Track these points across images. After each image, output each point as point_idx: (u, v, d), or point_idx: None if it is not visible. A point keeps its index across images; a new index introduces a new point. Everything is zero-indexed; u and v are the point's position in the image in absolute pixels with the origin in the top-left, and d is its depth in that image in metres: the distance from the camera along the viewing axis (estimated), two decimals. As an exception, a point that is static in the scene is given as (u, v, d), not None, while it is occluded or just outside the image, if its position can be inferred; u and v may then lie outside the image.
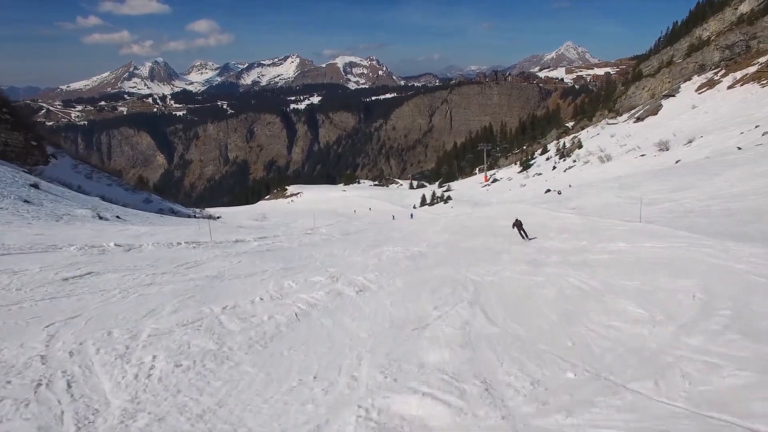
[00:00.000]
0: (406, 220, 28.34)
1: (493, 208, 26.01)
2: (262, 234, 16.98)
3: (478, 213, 24.75)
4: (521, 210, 19.93)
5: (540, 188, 39.19)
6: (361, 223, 26.90)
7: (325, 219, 31.73)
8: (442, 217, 27.61)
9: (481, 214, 23.54)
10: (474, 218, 21.57)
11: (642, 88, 62.18)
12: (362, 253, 12.49)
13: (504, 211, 22.25)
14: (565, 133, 66.99)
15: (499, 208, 24.62)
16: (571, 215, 15.96)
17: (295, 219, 33.70)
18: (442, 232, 17.46)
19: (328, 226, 22.75)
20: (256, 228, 22.38)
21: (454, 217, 25.60)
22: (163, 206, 40.89)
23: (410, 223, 23.89)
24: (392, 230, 19.64)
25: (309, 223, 26.49)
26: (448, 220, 22.93)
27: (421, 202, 55.61)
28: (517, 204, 23.84)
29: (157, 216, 26.12)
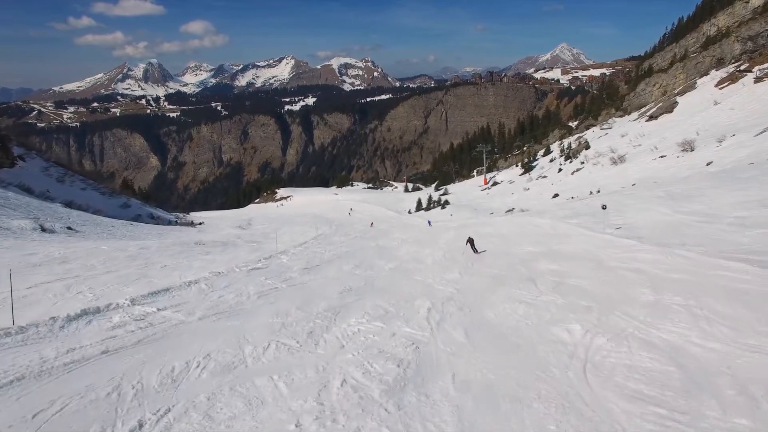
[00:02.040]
0: (396, 234, 22.79)
1: (505, 221, 20.99)
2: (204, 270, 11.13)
3: (487, 227, 20.03)
4: (546, 228, 15.77)
5: (546, 192, 36.24)
6: (345, 236, 22.53)
7: (309, 227, 28.42)
8: (442, 229, 23.55)
9: (491, 229, 18.91)
10: (484, 236, 16.82)
11: (653, 85, 58.76)
12: (295, 352, 6.33)
13: (520, 227, 17.70)
14: (569, 134, 64.38)
15: (514, 223, 19.62)
16: (640, 245, 10.68)
17: (280, 226, 30.58)
18: (448, 264, 12.41)
19: (299, 247, 17.20)
20: (218, 245, 18.13)
21: (457, 230, 21.27)
22: (142, 211, 38.40)
23: (402, 241, 18.59)
24: (379, 256, 14.43)
25: (290, 233, 23.18)
26: (451, 237, 18.57)
27: (416, 207, 52.60)
28: (535, 217, 18.96)
29: (127, 225, 23.09)
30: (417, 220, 39.59)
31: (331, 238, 21.53)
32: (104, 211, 30.31)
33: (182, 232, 23.95)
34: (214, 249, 15.51)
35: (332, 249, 16.50)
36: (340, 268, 11.98)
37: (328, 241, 20.14)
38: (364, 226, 30.32)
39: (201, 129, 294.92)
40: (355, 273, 11.34)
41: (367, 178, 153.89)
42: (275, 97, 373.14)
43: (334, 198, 63.46)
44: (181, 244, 15.70)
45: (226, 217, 45.94)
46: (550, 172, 48.12)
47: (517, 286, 9.26)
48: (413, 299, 8.60)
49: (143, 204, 40.40)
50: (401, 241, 18.97)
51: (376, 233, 23.59)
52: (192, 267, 11.65)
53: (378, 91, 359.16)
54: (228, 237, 20.94)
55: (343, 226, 29.55)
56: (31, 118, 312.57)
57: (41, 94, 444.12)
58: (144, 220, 34.38)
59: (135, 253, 12.75)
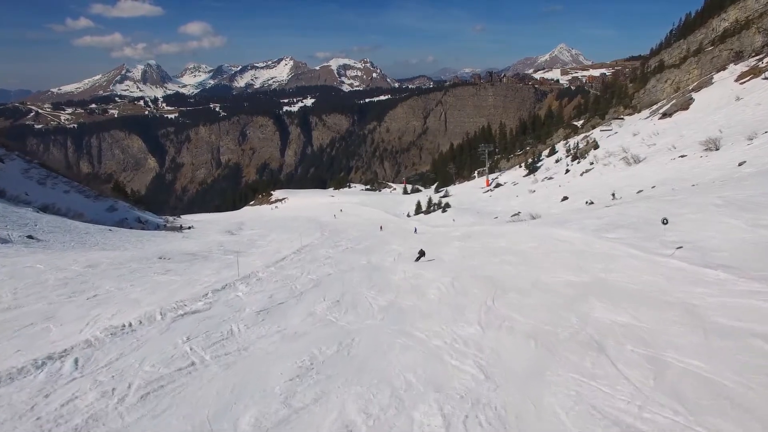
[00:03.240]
0: (393, 244, 20.23)
1: (521, 231, 16.99)
2: None
3: (500, 239, 16.54)
4: (578, 244, 11.95)
5: (555, 195, 34.10)
6: (335, 247, 19.55)
7: (298, 233, 26.09)
8: (444, 239, 20.56)
9: (504, 242, 15.47)
10: (497, 252, 13.68)
11: (664, 81, 56.08)
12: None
13: (542, 240, 13.71)
14: (574, 133, 62.26)
15: (534, 235, 15.26)
16: (742, 283, 6.84)
17: (268, 232, 28.48)
18: (459, 300, 8.97)
19: (273, 267, 13.50)
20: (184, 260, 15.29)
21: (462, 240, 18.53)
22: (128, 215, 36.82)
23: (399, 256, 15.98)
24: (368, 283, 11.10)
25: (277, 241, 20.79)
26: (456, 252, 15.48)
27: (415, 210, 50.24)
28: (558, 228, 14.66)
29: (105, 231, 21.16)
30: (416, 224, 36.87)
31: (317, 250, 18.46)
32: (86, 215, 28.37)
33: (165, 238, 21.84)
34: (177, 266, 12.87)
35: (313, 269, 13.21)
36: (311, 310, 8.65)
37: (312, 255, 16.94)
38: (359, 232, 27.99)
39: (199, 130, 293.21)
40: (329, 320, 8.05)
41: (366, 179, 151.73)
42: (274, 98, 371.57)
43: (330, 200, 61.24)
44: (141, 259, 13.23)
45: (217, 221, 43.77)
46: (557, 173, 46.07)
47: (579, 364, 5.34)
48: (412, 403, 4.72)
49: (131, 207, 38.49)
50: (398, 255, 16.36)
51: (371, 244, 21.00)
52: (124, 299, 8.83)
53: (377, 92, 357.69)
54: (209, 246, 18.57)
55: (337, 233, 27.17)
56: (29, 120, 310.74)
57: (39, 95, 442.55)
58: (130, 224, 32.40)
59: (74, 274, 10.28)
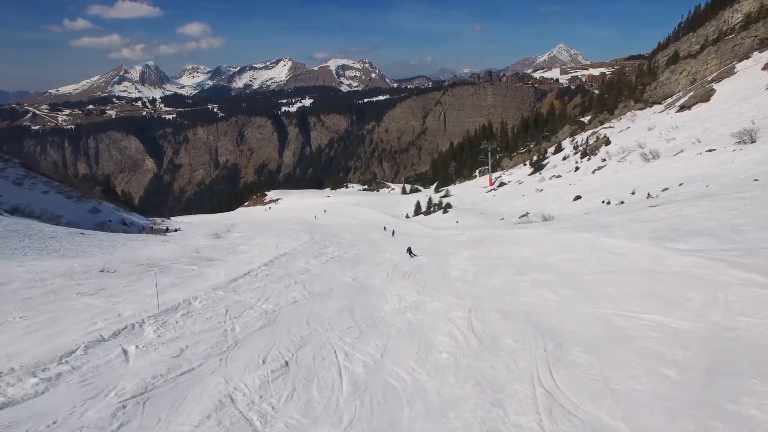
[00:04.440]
0: (387, 252, 18.32)
1: (545, 237, 14.00)
2: None
3: (520, 247, 13.57)
4: (640, 259, 9.03)
5: (566, 194, 32.71)
6: (318, 256, 17.00)
7: (286, 237, 25.59)
8: (447, 245, 18.13)
9: (527, 251, 12.65)
10: (521, 267, 11.17)
11: (679, 73, 53.43)
12: None
13: (581, 252, 10.70)
14: (581, 129, 60.24)
15: (568, 244, 12.20)
16: None
17: (255, 235, 27.78)
18: (486, 357, 6.48)
19: (223, 289, 10.55)
20: None
21: (473, 248, 15.65)
22: (113, 217, 35.83)
23: (394, 269, 13.61)
24: (348, 318, 8.78)
25: (260, 246, 20.28)
26: (465, 263, 12.86)
27: (415, 210, 48.28)
28: (602, 236, 11.64)
29: (76, 234, 20.33)
30: (416, 226, 35.36)
31: (296, 260, 15.77)
32: (65, 218, 27.74)
33: (142, 242, 21.26)
34: (116, 282, 10.68)
35: (275, 293, 10.25)
36: (228, 392, 5.51)
37: (286, 268, 14.26)
38: (353, 235, 27.15)
39: (197, 131, 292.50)
40: (252, 425, 4.90)
41: (365, 179, 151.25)
42: (272, 99, 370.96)
43: (325, 201, 60.67)
44: (77, 273, 11.30)
45: (209, 222, 43.12)
46: (565, 171, 44.21)
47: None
48: None
49: (116, 209, 37.77)
50: (393, 267, 13.94)
51: (363, 250, 19.13)
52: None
53: (375, 92, 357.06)
54: (181, 252, 17.65)
55: (327, 236, 26.24)
56: (26, 121, 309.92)
57: (37, 96, 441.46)
58: (112, 226, 31.84)
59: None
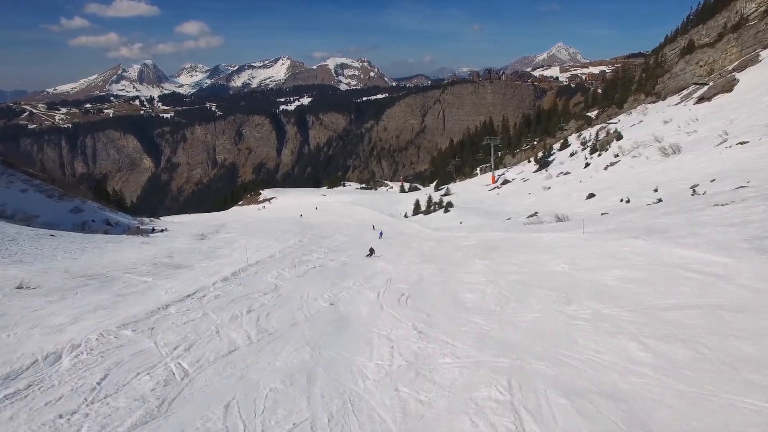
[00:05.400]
0: (381, 260, 15.39)
1: (583, 245, 11.52)
2: None
3: (545, 256, 11.30)
4: (758, 283, 6.46)
5: (576, 192, 30.68)
6: (297, 265, 14.14)
7: (273, 239, 23.99)
8: (451, 249, 15.84)
9: (560, 263, 10.16)
10: (595, 311, 6.77)
11: (695, 63, 50.64)
12: None
13: (644, 266, 8.49)
14: (587, 125, 58.17)
15: (611, 253, 9.98)
16: None
17: (243, 236, 26.39)
18: None
19: (127, 330, 6.97)
20: None
21: (485, 254, 13.48)
22: (96, 217, 34.45)
23: (387, 286, 10.54)
24: (293, 418, 4.42)
25: (240, 251, 18.44)
26: (484, 282, 9.77)
27: (414, 210, 45.95)
28: (680, 248, 8.88)
29: (43, 236, 19.00)
30: (415, 226, 33.30)
31: (266, 273, 12.59)
32: (42, 217, 26.41)
33: (118, 244, 19.86)
34: (19, 309, 8.24)
35: (210, 333, 7.14)
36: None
37: (249, 286, 10.75)
38: (347, 237, 25.52)
39: (195, 130, 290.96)
40: None
41: (364, 178, 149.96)
42: (271, 98, 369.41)
43: (321, 200, 59.24)
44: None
45: (199, 222, 41.75)
46: (574, 167, 41.94)
47: None
48: None
49: (101, 208, 36.37)
50: (387, 284, 10.75)
51: (352, 257, 16.66)
52: None
53: (374, 91, 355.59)
54: (150, 258, 15.60)
55: (318, 238, 24.45)
56: (23, 120, 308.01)
57: (35, 95, 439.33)
58: (94, 226, 30.47)
59: None
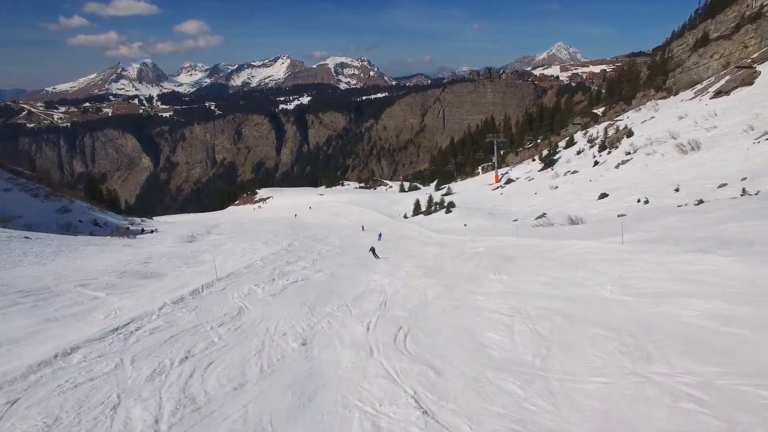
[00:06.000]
0: (376, 272, 13.71)
1: (638, 260, 9.30)
2: None
3: (586, 272, 9.56)
4: None
5: (587, 192, 28.98)
6: (278, 279, 12.40)
7: (261, 243, 22.79)
8: (457, 253, 14.58)
9: (616, 289, 8.01)
10: None
11: (709, 56, 48.67)
12: None
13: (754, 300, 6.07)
14: (594, 122, 56.26)
15: (691, 277, 7.55)
16: None
17: (232, 238, 25.33)
18: None
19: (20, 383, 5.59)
20: None
21: (501, 267, 11.89)
22: (83, 217, 33.38)
23: (381, 312, 8.89)
24: None
25: (223, 256, 17.31)
26: (506, 313, 7.93)
27: (414, 210, 44.05)
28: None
29: (14, 239, 17.85)
30: (416, 228, 31.41)
31: (235, 290, 10.83)
32: (24, 218, 25.39)
33: (98, 247, 18.79)
34: None
35: (101, 410, 5.09)
36: None
37: (204, 312, 9.01)
38: (342, 240, 24.39)
39: (194, 129, 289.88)
40: None
41: (363, 177, 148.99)
42: (270, 97, 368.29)
43: (318, 199, 58.17)
44: None
45: (192, 223, 40.75)
46: (582, 165, 40.29)
47: None
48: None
49: (90, 208, 35.36)
50: (380, 310, 8.96)
51: (344, 267, 15.14)
52: None
53: (374, 90, 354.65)
54: (124, 264, 14.03)
55: (310, 242, 23.16)
56: (21, 119, 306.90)
57: (34, 94, 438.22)
58: (82, 227, 29.48)
59: None
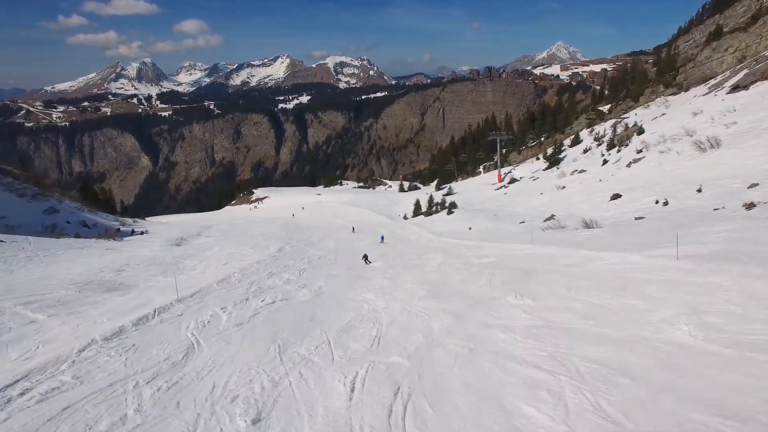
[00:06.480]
0: (369, 291, 11.19)
1: (723, 289, 7.11)
2: None
3: (667, 312, 6.69)
4: None
5: (598, 193, 27.47)
6: (244, 302, 9.74)
7: (249, 248, 21.33)
8: (462, 265, 13.16)
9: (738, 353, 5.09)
10: None
11: (724, 50, 47.00)
12: None
13: None
14: (600, 119, 54.92)
15: None
16: None
17: (220, 241, 24.19)
18: None
19: None
20: None
21: (521, 288, 9.67)
22: (71, 218, 32.39)
23: (371, 361, 6.37)
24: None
25: (206, 262, 16.01)
26: (569, 401, 4.67)
27: (414, 211, 42.11)
28: None
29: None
30: (416, 230, 29.83)
31: (190, 320, 8.47)
32: (6, 219, 24.49)
33: (78, 251, 17.77)
34: None
35: None
36: None
37: (146, 349, 6.91)
38: (337, 244, 23.16)
39: (193, 128, 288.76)
40: None
41: (363, 177, 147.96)
42: (269, 96, 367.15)
43: (315, 199, 57.11)
44: None
45: (185, 223, 39.72)
46: (590, 164, 38.99)
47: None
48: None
49: (80, 208, 34.39)
50: (370, 355, 6.73)
51: (334, 280, 12.94)
52: None
53: (373, 89, 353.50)
54: (96, 271, 12.33)
55: (302, 247, 21.20)
56: (19, 118, 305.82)
57: (33, 94, 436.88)
58: (69, 228, 28.49)
59: None
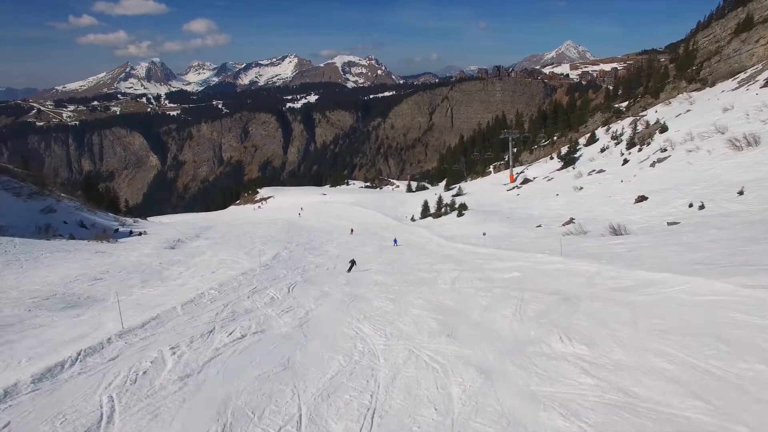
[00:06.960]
0: (365, 322, 8.51)
1: None
2: None
3: None
4: None
5: (620, 194, 25.65)
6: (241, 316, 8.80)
7: (244, 252, 20.00)
8: (483, 286, 11.05)
9: None
10: None
11: (755, 42, 44.25)
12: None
13: None
14: (616, 117, 52.64)
15: None
16: None
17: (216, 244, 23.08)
18: None
19: None
20: None
21: (559, 320, 7.20)
22: (69, 218, 31.46)
23: None
24: None
25: (197, 267, 14.87)
26: None
27: (422, 212, 40.08)
28: None
29: None
30: (425, 234, 28.05)
31: (124, 365, 6.20)
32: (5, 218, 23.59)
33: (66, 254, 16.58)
34: None
35: None
36: None
37: (60, 409, 4.97)
38: (340, 249, 21.77)
39: (201, 127, 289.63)
40: None
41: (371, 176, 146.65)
42: (277, 95, 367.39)
43: (320, 199, 55.78)
44: None
45: (186, 223, 38.66)
46: (609, 164, 36.92)
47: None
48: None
49: (78, 208, 33.41)
50: (364, 426, 4.61)
51: (326, 301, 10.80)
52: None
53: (381, 89, 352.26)
54: (72, 278, 11.38)
55: (302, 252, 19.96)
56: (30, 117, 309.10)
57: (44, 93, 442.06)
58: (65, 228, 27.47)
59: None
